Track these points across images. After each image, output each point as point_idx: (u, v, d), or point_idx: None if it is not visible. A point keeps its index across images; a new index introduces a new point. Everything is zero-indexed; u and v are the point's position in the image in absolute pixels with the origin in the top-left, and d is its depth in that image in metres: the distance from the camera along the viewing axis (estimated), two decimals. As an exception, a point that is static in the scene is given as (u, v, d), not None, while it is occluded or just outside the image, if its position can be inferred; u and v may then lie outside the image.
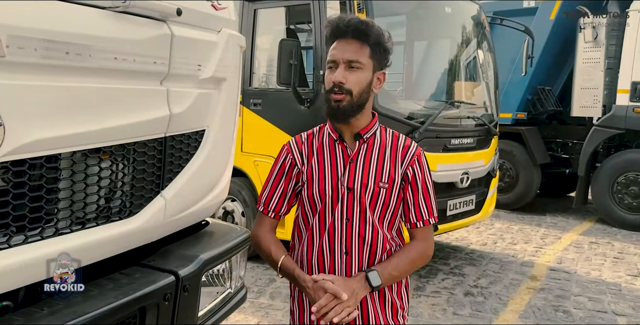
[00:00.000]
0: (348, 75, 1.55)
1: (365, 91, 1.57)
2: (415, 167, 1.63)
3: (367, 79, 1.57)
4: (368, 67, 1.56)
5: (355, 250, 1.61)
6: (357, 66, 1.55)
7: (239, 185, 4.86)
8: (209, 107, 1.92)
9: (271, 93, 4.76)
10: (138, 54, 1.60)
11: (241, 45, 2.14)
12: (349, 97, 1.55)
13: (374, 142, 1.64)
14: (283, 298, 4.15)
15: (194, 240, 1.95)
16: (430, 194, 1.66)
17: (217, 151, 2.00)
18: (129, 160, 1.64)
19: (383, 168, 1.61)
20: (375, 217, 1.61)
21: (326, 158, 1.65)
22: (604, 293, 4.56)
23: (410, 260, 1.63)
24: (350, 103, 1.55)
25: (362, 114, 1.61)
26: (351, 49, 1.55)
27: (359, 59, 1.54)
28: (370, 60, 1.56)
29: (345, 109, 1.56)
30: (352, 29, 1.54)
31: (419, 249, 1.65)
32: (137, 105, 1.62)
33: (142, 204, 1.68)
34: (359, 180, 1.60)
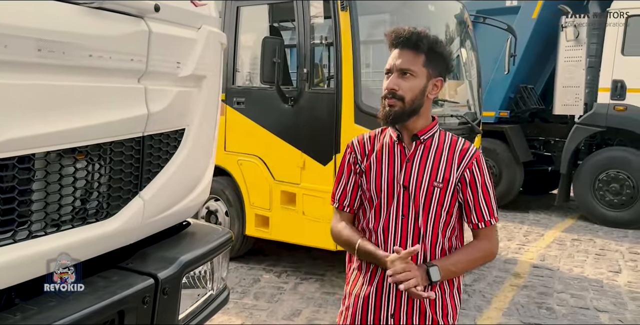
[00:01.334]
0: (401, 82, 1.63)
1: (418, 98, 1.64)
2: (474, 169, 1.68)
3: (419, 86, 1.64)
4: (421, 75, 1.64)
5: (410, 245, 1.67)
6: (410, 74, 1.63)
7: (223, 184, 4.82)
8: (189, 106, 1.88)
9: (255, 91, 4.71)
10: (114, 51, 1.56)
11: (222, 42, 2.10)
12: (401, 103, 1.63)
13: (431, 144, 1.71)
14: (267, 298, 4.12)
15: (175, 242, 1.91)
16: (491, 195, 1.70)
17: (198, 150, 1.96)
18: (105, 161, 1.60)
19: (438, 168, 1.67)
20: (430, 215, 1.67)
21: (384, 157, 1.73)
22: (587, 290, 4.60)
23: (472, 258, 1.70)
24: (402, 109, 1.63)
25: (418, 117, 1.68)
26: (405, 58, 1.64)
27: (412, 67, 1.63)
28: (424, 69, 1.64)
29: (397, 114, 1.64)
30: (406, 40, 1.63)
31: (481, 247, 1.71)
32: (114, 104, 1.58)
33: (120, 205, 1.64)
34: (414, 179, 1.67)
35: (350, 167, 1.80)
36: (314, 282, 4.50)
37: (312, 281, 4.51)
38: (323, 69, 4.89)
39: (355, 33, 4.15)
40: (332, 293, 4.25)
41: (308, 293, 4.25)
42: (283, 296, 4.18)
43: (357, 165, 1.78)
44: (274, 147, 4.47)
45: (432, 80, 1.66)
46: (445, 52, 1.68)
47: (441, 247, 1.69)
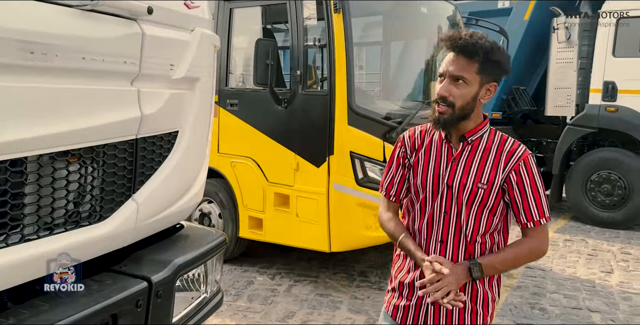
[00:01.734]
0: (452, 89, 1.62)
1: (470, 104, 1.64)
2: (521, 170, 1.67)
3: (471, 93, 1.63)
4: (474, 82, 1.63)
5: (451, 240, 1.71)
6: (463, 81, 1.62)
7: (216, 186, 4.81)
8: (182, 108, 1.88)
9: (248, 93, 4.71)
10: (107, 53, 1.56)
11: (215, 44, 2.10)
12: (451, 110, 1.64)
13: (478, 145, 1.71)
14: (261, 300, 4.11)
15: (168, 245, 1.91)
16: (541, 194, 1.69)
17: (192, 153, 1.96)
18: (98, 163, 1.60)
19: (484, 170, 1.69)
20: (472, 214, 1.70)
21: (432, 153, 1.76)
22: (579, 290, 4.62)
23: (517, 256, 1.71)
24: (452, 115, 1.64)
25: (469, 120, 1.69)
26: (458, 64, 1.62)
27: (464, 74, 1.62)
28: (477, 76, 1.62)
29: (446, 121, 1.66)
30: (461, 45, 1.61)
31: (529, 246, 1.71)
32: (107, 107, 1.57)
33: (113, 208, 1.64)
34: (458, 179, 1.70)
35: (400, 161, 1.84)
36: (308, 284, 4.49)
37: (306, 283, 4.51)
38: (316, 71, 4.90)
39: (349, 35, 4.16)
40: (326, 295, 4.25)
41: (302, 295, 4.25)
42: (277, 298, 4.17)
43: (406, 159, 1.82)
44: (267, 149, 4.47)
45: (485, 85, 1.65)
46: (501, 59, 1.65)
47: (481, 245, 1.71)
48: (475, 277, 1.65)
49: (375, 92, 5.74)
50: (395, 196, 1.86)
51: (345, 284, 4.52)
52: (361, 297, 4.23)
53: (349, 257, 5.08)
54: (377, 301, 4.15)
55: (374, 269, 4.90)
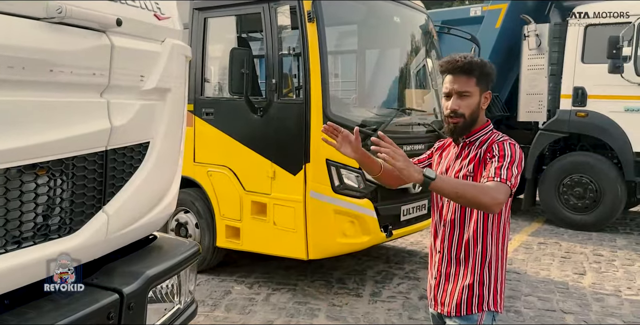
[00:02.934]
0: (460, 102, 1.97)
1: (475, 111, 1.99)
2: (494, 148, 1.93)
3: (475, 103, 1.99)
4: (475, 93, 1.98)
5: (450, 223, 2.04)
6: (467, 94, 1.97)
7: (192, 196, 4.79)
8: (153, 119, 1.88)
9: (223, 102, 4.71)
10: (76, 65, 1.56)
11: (187, 55, 2.11)
12: (462, 119, 1.98)
13: (475, 143, 2.02)
14: (239, 310, 4.10)
15: (140, 256, 1.90)
16: (507, 162, 1.88)
17: (163, 163, 1.96)
18: (67, 176, 1.59)
19: (474, 162, 1.99)
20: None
21: (445, 153, 2.15)
22: (553, 292, 4.70)
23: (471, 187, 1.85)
24: (464, 123, 1.99)
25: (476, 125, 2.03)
26: (460, 82, 1.96)
27: (467, 89, 1.96)
28: (477, 87, 1.97)
29: (461, 128, 2.01)
30: (460, 67, 1.96)
31: (485, 185, 1.85)
32: (76, 119, 1.57)
33: (83, 221, 1.63)
34: (459, 173, 2.02)
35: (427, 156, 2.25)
36: (286, 292, 4.49)
37: (284, 291, 4.50)
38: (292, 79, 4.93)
39: (323, 44, 4.20)
40: (305, 302, 4.26)
41: (280, 303, 4.24)
42: (255, 307, 4.16)
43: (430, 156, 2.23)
44: (243, 157, 4.47)
45: (484, 94, 2.00)
46: (491, 71, 2.02)
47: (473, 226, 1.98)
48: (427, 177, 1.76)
49: (350, 99, 5.79)
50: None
51: (324, 291, 4.53)
52: (339, 304, 4.24)
53: (326, 265, 5.09)
54: (355, 308, 4.17)
55: (352, 276, 4.92)
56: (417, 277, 4.94)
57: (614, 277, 5.14)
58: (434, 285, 2.11)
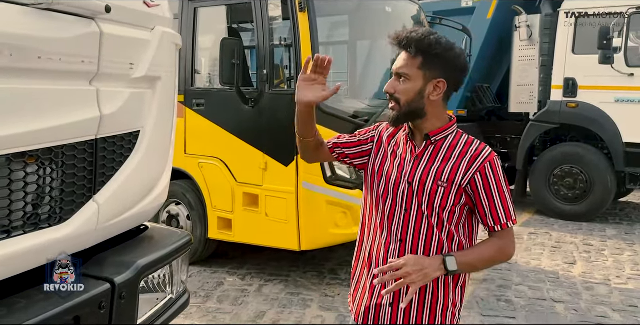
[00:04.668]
0: (397, 85, 1.66)
1: (415, 100, 1.64)
2: (487, 172, 1.66)
3: (414, 89, 1.64)
4: (416, 77, 1.63)
5: (410, 239, 1.69)
6: (405, 77, 1.64)
7: (184, 188, 4.76)
8: (143, 107, 1.86)
9: (214, 93, 4.68)
10: (64, 53, 1.53)
11: (177, 43, 2.09)
12: (398, 105, 1.66)
13: (442, 145, 1.71)
14: (231, 301, 4.10)
15: (132, 246, 1.89)
16: (507, 196, 1.67)
17: (154, 153, 1.94)
18: (57, 164, 1.57)
19: (445, 168, 1.68)
20: (434, 214, 1.68)
21: (397, 152, 1.77)
22: (543, 281, 4.74)
23: (490, 255, 1.68)
24: (399, 111, 1.66)
25: (426, 119, 1.69)
26: (401, 61, 1.65)
27: (406, 71, 1.64)
28: (420, 71, 1.63)
29: (395, 116, 1.69)
30: (404, 43, 1.63)
31: (499, 244, 1.69)
32: (65, 107, 1.55)
33: (73, 210, 1.61)
34: (419, 176, 1.69)
35: (366, 136, 1.86)
36: (279, 283, 4.49)
37: (277, 282, 4.51)
38: (283, 70, 4.90)
39: (314, 34, 4.17)
40: (297, 293, 4.26)
41: (272, 294, 4.25)
42: (247, 298, 4.16)
43: (368, 142, 1.84)
44: (235, 149, 4.45)
45: (432, 82, 1.64)
46: (444, 54, 1.63)
47: (438, 245, 1.67)
48: (451, 271, 1.58)
49: (342, 90, 5.77)
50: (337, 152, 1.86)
51: (316, 282, 4.53)
52: (331, 295, 4.25)
53: (318, 256, 5.10)
54: (347, 298, 4.17)
55: (344, 267, 4.93)
56: (409, 268, 4.95)
57: (603, 267, 5.19)
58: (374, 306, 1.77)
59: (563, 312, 4.06)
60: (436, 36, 1.65)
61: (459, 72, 1.68)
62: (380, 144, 1.82)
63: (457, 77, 1.68)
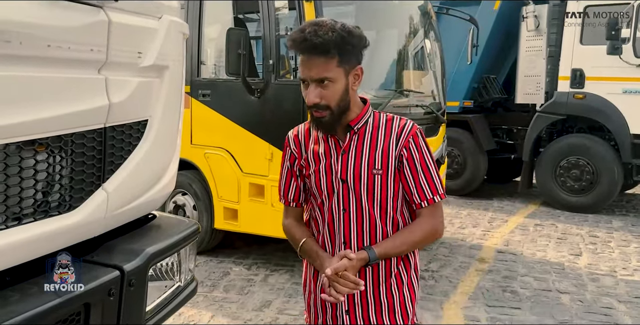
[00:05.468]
0: (321, 92, 1.53)
1: (343, 99, 1.56)
2: (411, 146, 1.60)
3: (341, 89, 1.54)
4: (339, 76, 1.53)
5: (354, 240, 1.63)
6: (328, 80, 1.52)
7: (190, 178, 4.78)
8: (151, 96, 1.86)
9: (220, 83, 4.68)
10: (73, 41, 1.53)
11: (184, 32, 2.08)
12: (329, 111, 1.55)
13: (365, 131, 1.62)
14: (237, 291, 4.12)
15: (140, 234, 1.90)
16: (432, 171, 1.61)
17: (162, 142, 1.94)
18: (67, 153, 1.58)
19: (375, 155, 1.60)
20: (375, 206, 1.62)
21: (321, 151, 1.67)
22: (549, 272, 4.74)
23: (411, 241, 1.61)
24: (332, 116, 1.56)
25: (350, 111, 1.60)
26: (316, 66, 1.51)
27: (327, 75, 1.51)
28: (340, 69, 1.52)
29: (329, 122, 1.58)
30: (310, 46, 1.49)
31: (423, 228, 1.63)
32: (74, 95, 1.55)
33: (83, 198, 1.62)
34: (352, 171, 1.61)
35: (289, 163, 1.76)
36: (284, 273, 4.52)
37: (282, 272, 4.53)
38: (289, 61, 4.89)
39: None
40: (303, 283, 4.28)
41: (278, 284, 4.27)
42: (253, 288, 4.19)
43: (294, 160, 1.74)
44: (241, 139, 4.45)
45: (352, 72, 1.56)
46: (355, 40, 1.53)
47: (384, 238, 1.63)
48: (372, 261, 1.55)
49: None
50: (294, 201, 1.78)
51: (322, 272, 4.55)
52: (337, 285, 4.26)
53: (324, 246, 5.11)
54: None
55: (350, 257, 4.94)
56: (415, 258, 4.97)
57: (609, 258, 5.19)
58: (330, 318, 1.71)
59: (568, 303, 4.07)
60: (340, 26, 1.51)
61: (362, 47, 1.58)
62: (300, 151, 1.72)
63: (362, 53, 1.59)
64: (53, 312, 1.39)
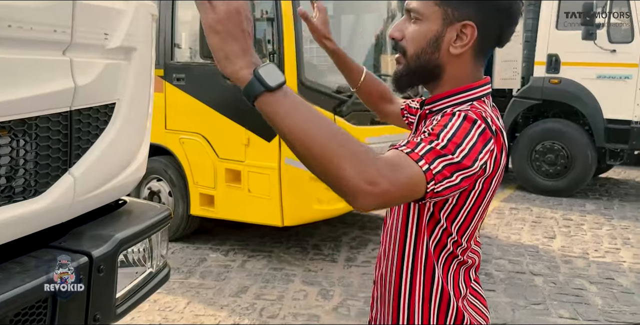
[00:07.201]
0: (406, 27, 1.14)
1: (427, 51, 1.12)
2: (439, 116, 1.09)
3: (428, 34, 1.11)
4: (432, 17, 1.10)
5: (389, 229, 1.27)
6: (416, 17, 1.12)
7: (165, 164, 4.72)
8: (119, 79, 1.82)
9: (195, 67, 4.61)
10: (36, 21, 1.48)
11: (153, 13, 2.03)
12: (403, 57, 1.15)
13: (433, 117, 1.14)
14: (214, 277, 4.11)
15: (110, 220, 1.86)
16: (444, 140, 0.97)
17: (131, 125, 1.90)
18: (31, 136, 1.53)
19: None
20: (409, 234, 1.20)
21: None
22: (523, 255, 4.82)
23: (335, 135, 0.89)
24: (405, 67, 1.15)
25: (441, 83, 1.15)
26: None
27: (419, 7, 1.11)
28: (438, 9, 1.10)
29: (397, 74, 1.17)
30: None
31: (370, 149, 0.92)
32: (38, 77, 1.50)
33: (49, 183, 1.58)
34: None
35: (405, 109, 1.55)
36: (262, 258, 4.51)
37: (260, 258, 4.53)
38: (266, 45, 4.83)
39: (297, 8, 4.10)
40: (280, 268, 4.29)
41: (255, 270, 4.27)
42: (230, 274, 4.18)
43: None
44: (217, 124, 4.40)
45: (455, 25, 1.09)
46: None
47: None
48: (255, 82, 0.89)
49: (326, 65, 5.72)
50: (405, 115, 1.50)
51: (299, 257, 4.56)
52: (314, 269, 4.28)
53: (302, 232, 5.12)
54: (330, 272, 4.22)
55: (327, 242, 4.96)
56: (392, 243, 5.00)
57: (582, 241, 5.29)
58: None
59: (541, 285, 4.14)
60: None
61: (503, 14, 1.12)
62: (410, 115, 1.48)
63: (500, 23, 1.13)
64: (20, 299, 1.36)
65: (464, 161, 0.97)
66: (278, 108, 0.89)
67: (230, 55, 0.87)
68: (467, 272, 1.23)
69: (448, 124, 1.01)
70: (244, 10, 0.86)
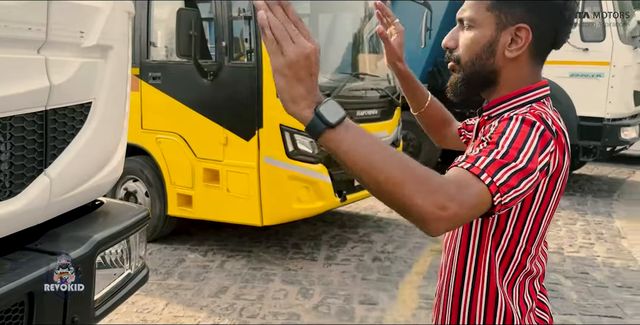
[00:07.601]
0: (458, 35, 1.16)
1: (482, 57, 1.12)
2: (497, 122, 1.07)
3: (482, 40, 1.11)
4: (485, 23, 1.11)
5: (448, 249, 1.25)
6: (468, 24, 1.13)
7: (141, 164, 4.66)
8: (95, 78, 1.79)
9: (171, 66, 4.56)
10: (9, 19, 1.45)
11: (129, 11, 2.01)
12: (458, 67, 1.16)
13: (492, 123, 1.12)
14: (193, 277, 4.08)
15: (87, 221, 1.83)
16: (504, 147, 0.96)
17: (107, 125, 1.88)
18: (5, 137, 1.50)
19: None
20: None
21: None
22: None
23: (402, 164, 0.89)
24: (462, 74, 1.16)
25: (498, 89, 1.15)
26: (467, 5, 1.15)
27: (471, 14, 1.12)
28: (490, 14, 1.10)
29: (453, 84, 1.18)
30: None
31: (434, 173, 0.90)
32: (11, 76, 1.47)
33: (24, 184, 1.55)
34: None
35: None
36: (241, 258, 4.49)
37: (239, 258, 4.50)
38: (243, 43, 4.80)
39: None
40: (259, 268, 4.27)
41: (234, 270, 4.24)
42: (209, 274, 4.15)
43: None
44: (194, 123, 4.37)
45: (509, 29, 1.09)
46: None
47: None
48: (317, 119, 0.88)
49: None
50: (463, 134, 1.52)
51: (279, 256, 4.55)
52: (294, 268, 4.28)
53: (281, 231, 5.11)
54: (310, 271, 4.22)
55: (307, 241, 4.96)
56: (371, 241, 5.03)
57: (557, 236, 5.38)
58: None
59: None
60: None
61: (557, 15, 1.10)
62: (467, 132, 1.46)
63: (555, 24, 1.11)
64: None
65: (529, 165, 0.95)
66: (340, 143, 0.89)
67: (296, 97, 0.88)
68: (532, 283, 1.19)
69: (506, 129, 1.00)
70: (314, 56, 0.86)
